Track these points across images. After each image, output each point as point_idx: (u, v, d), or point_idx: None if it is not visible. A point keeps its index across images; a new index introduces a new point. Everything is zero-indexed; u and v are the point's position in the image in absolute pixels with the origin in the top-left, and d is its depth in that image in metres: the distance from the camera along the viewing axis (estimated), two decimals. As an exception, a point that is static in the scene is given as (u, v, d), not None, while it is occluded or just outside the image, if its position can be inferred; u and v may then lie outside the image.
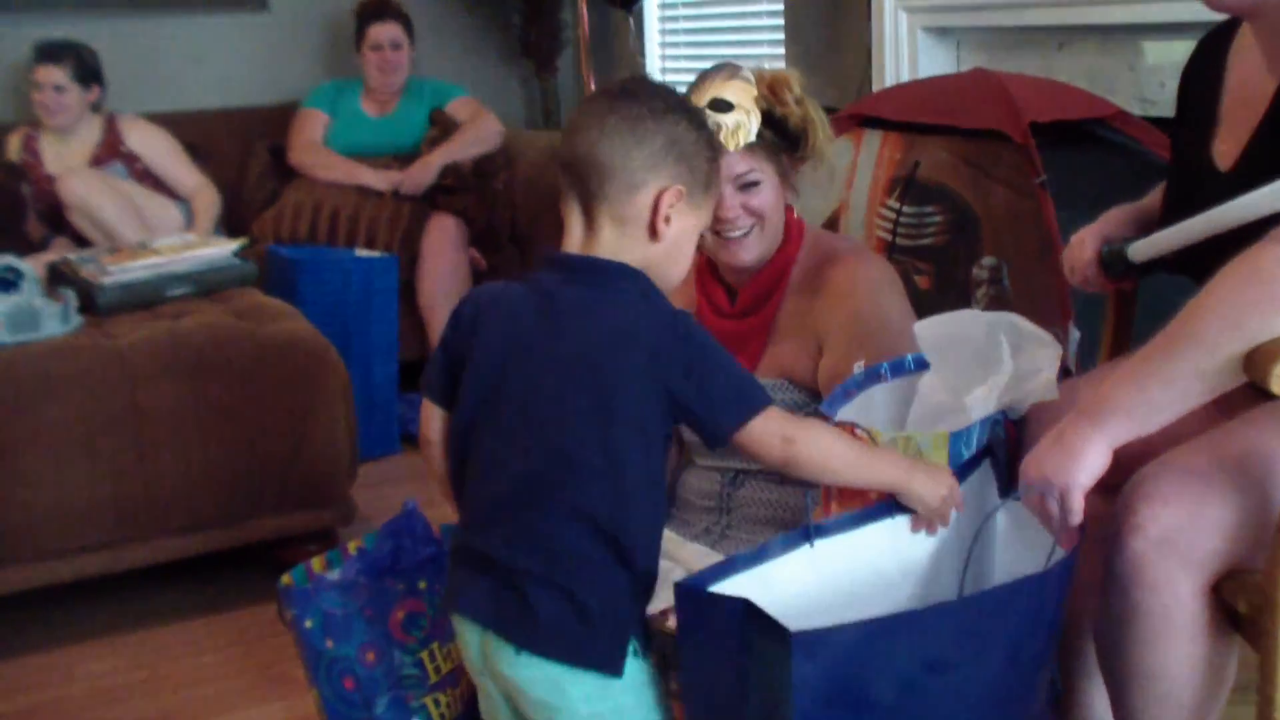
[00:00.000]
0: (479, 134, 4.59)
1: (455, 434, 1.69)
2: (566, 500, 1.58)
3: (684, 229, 1.70)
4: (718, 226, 2.17)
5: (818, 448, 1.65)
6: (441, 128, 4.60)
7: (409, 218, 4.36)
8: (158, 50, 4.96)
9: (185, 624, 3.02)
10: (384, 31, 4.65)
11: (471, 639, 1.65)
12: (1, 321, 2.97)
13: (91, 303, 3.30)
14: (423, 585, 2.03)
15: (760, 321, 2.25)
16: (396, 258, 4.11)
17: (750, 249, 2.20)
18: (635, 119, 1.64)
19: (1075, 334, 2.50)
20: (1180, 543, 1.57)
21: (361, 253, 4.12)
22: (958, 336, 1.92)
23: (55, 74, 4.28)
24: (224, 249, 3.59)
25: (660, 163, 1.65)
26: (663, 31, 5.23)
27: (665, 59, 5.26)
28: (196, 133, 4.65)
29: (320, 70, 5.11)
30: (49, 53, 4.29)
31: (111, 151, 4.37)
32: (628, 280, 1.65)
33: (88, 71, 4.34)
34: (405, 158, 4.54)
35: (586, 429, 1.58)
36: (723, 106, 2.13)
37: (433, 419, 1.79)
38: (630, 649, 1.62)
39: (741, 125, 2.12)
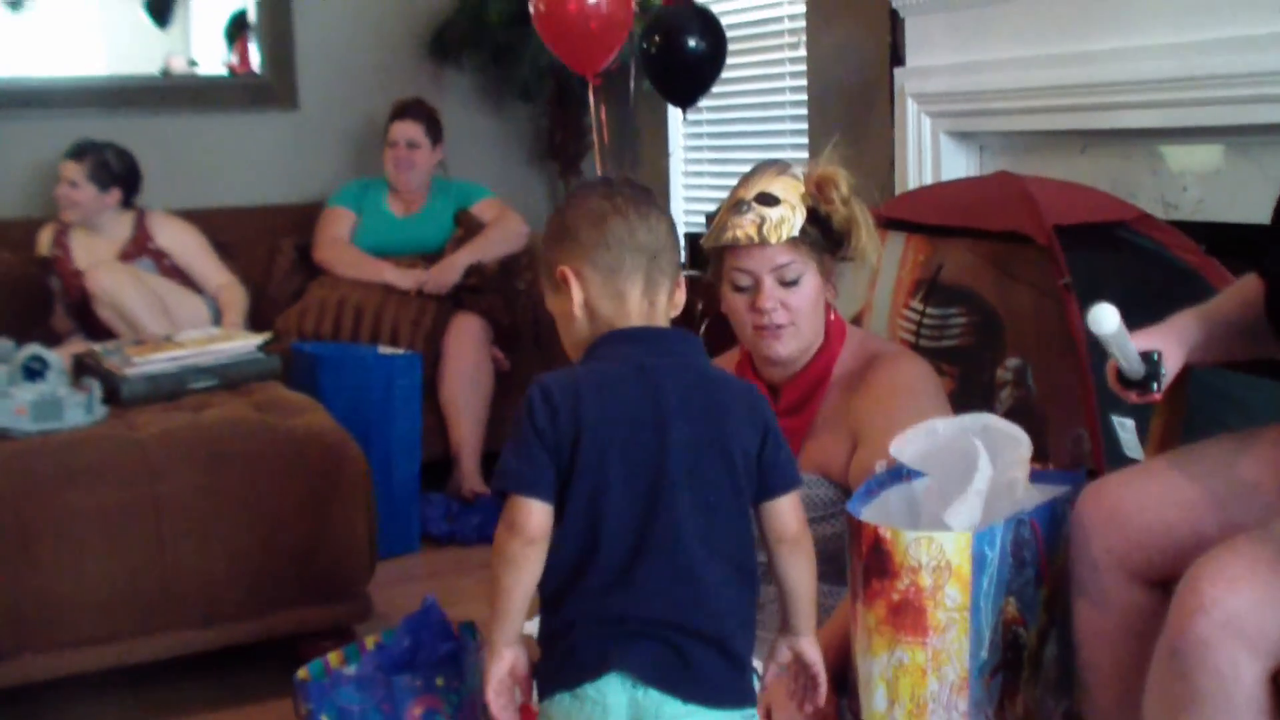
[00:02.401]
0: (504, 234, 4.62)
1: (572, 516, 1.71)
2: (716, 549, 1.70)
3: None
4: (755, 318, 2.20)
5: (811, 549, 1.81)
6: (467, 228, 4.64)
7: (433, 316, 4.37)
8: (190, 147, 5.03)
9: (201, 718, 2.99)
10: (402, 130, 4.71)
11: (618, 700, 1.67)
12: (27, 410, 2.99)
13: (115, 394, 3.32)
14: (440, 682, 2.01)
15: (802, 421, 2.28)
16: (420, 356, 4.12)
17: (786, 343, 2.23)
18: (662, 209, 1.85)
19: (1129, 423, 2.46)
20: (1247, 626, 1.55)
21: (385, 350, 4.13)
22: (934, 449, 1.94)
23: (73, 170, 4.35)
24: (247, 343, 3.61)
25: (677, 245, 1.86)
26: (687, 135, 5.28)
27: (688, 161, 5.31)
28: (225, 229, 4.69)
29: (348, 169, 5.16)
30: (75, 150, 4.37)
31: (140, 247, 4.42)
32: (692, 343, 1.83)
33: (108, 174, 4.39)
34: (430, 257, 4.58)
35: (720, 478, 1.72)
36: (769, 200, 2.17)
37: (535, 515, 1.71)
38: None
39: (785, 219, 2.16)
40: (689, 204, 5.29)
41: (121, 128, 4.65)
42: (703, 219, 4.56)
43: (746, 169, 2.30)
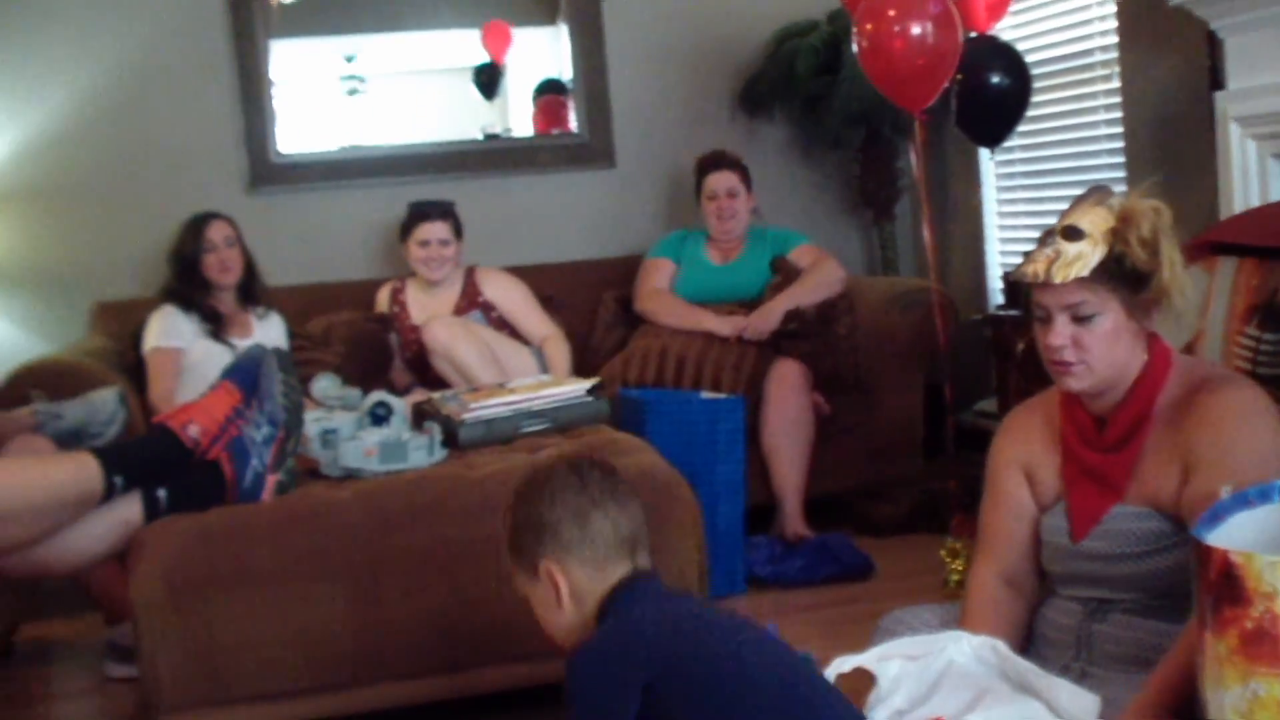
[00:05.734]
0: (822, 279, 4.63)
1: None
2: None
3: None
4: (1048, 352, 2.18)
5: None
6: (785, 274, 4.67)
7: (753, 362, 4.40)
8: (515, 207, 5.23)
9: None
10: (720, 181, 4.77)
11: None
12: (375, 451, 3.15)
13: (453, 437, 3.45)
14: None
15: (1129, 455, 2.21)
16: (743, 399, 4.15)
17: (1078, 379, 2.19)
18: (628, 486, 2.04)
19: None
20: None
21: (707, 395, 4.19)
22: None
23: (441, 229, 4.55)
24: (578, 387, 3.70)
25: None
26: (999, 174, 5.20)
27: (1001, 201, 5.22)
28: (549, 283, 4.85)
29: (663, 223, 5.29)
30: (433, 211, 4.58)
31: (471, 302, 4.60)
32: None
33: (459, 228, 4.60)
34: (749, 304, 4.62)
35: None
36: (1073, 234, 2.13)
37: None
38: None
39: (1081, 257, 2.12)
40: (1004, 244, 5.21)
41: (450, 190, 4.88)
42: (1018, 258, 4.48)
43: (1063, 206, 2.26)
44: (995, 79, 4.23)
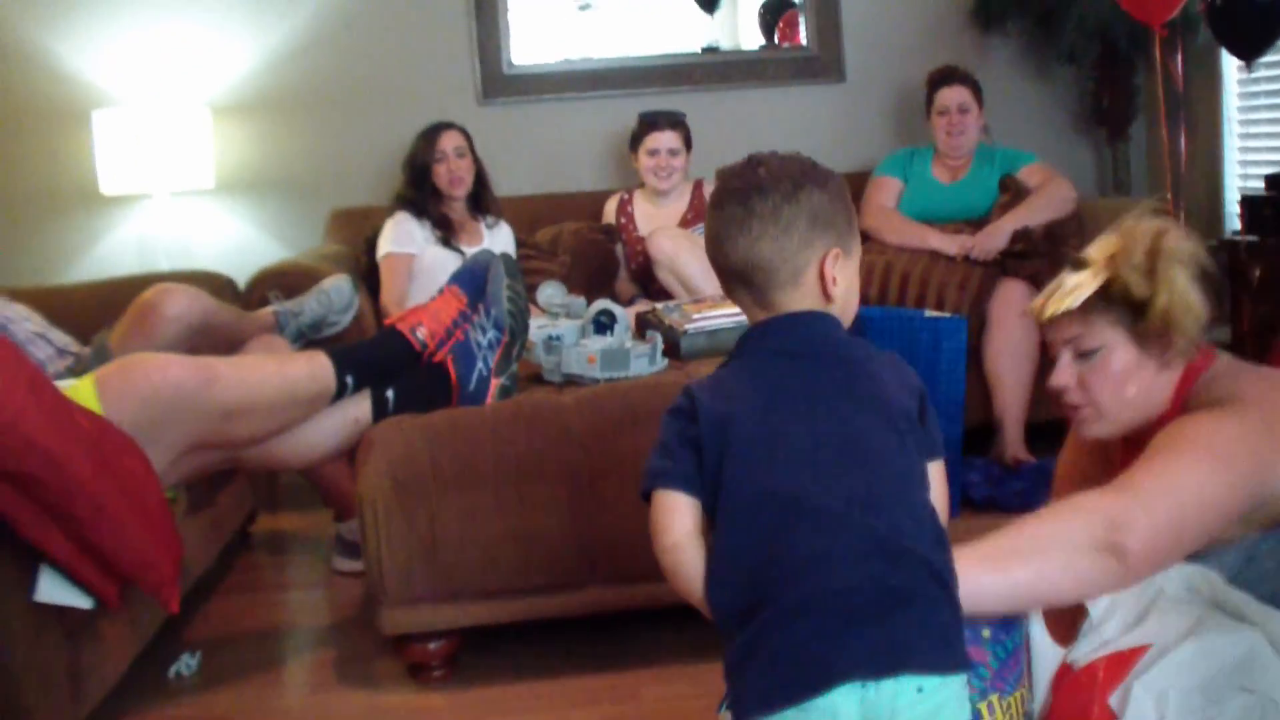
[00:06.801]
0: (1051, 199, 4.51)
1: (743, 511, 1.64)
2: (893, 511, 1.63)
3: (849, 277, 1.79)
4: (1058, 395, 2.08)
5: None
6: (1013, 193, 4.57)
7: (979, 282, 4.33)
8: (740, 121, 5.22)
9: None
10: (952, 96, 4.68)
11: (848, 707, 1.54)
12: (597, 359, 3.20)
13: (675, 348, 3.48)
14: (986, 634, 1.91)
15: None
16: (965, 320, 4.08)
17: (1089, 427, 2.10)
18: (775, 212, 1.72)
19: None
20: None
21: (930, 314, 4.13)
22: None
23: (671, 139, 4.58)
24: (800, 301, 3.70)
25: (812, 238, 1.73)
26: (1241, 95, 4.98)
27: (1242, 123, 5.01)
28: (774, 198, 4.81)
29: (893, 138, 5.22)
30: (664, 120, 4.60)
31: (698, 214, 4.62)
32: (827, 321, 1.75)
33: (689, 138, 4.62)
34: (976, 223, 4.54)
35: (886, 440, 1.66)
36: (1078, 265, 2.03)
37: (685, 516, 1.71)
38: None
39: (1078, 287, 2.01)
40: (1243, 168, 4.99)
41: (677, 103, 4.89)
42: (1261, 182, 4.30)
43: None
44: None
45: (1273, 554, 1.92)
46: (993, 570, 1.79)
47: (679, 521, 1.69)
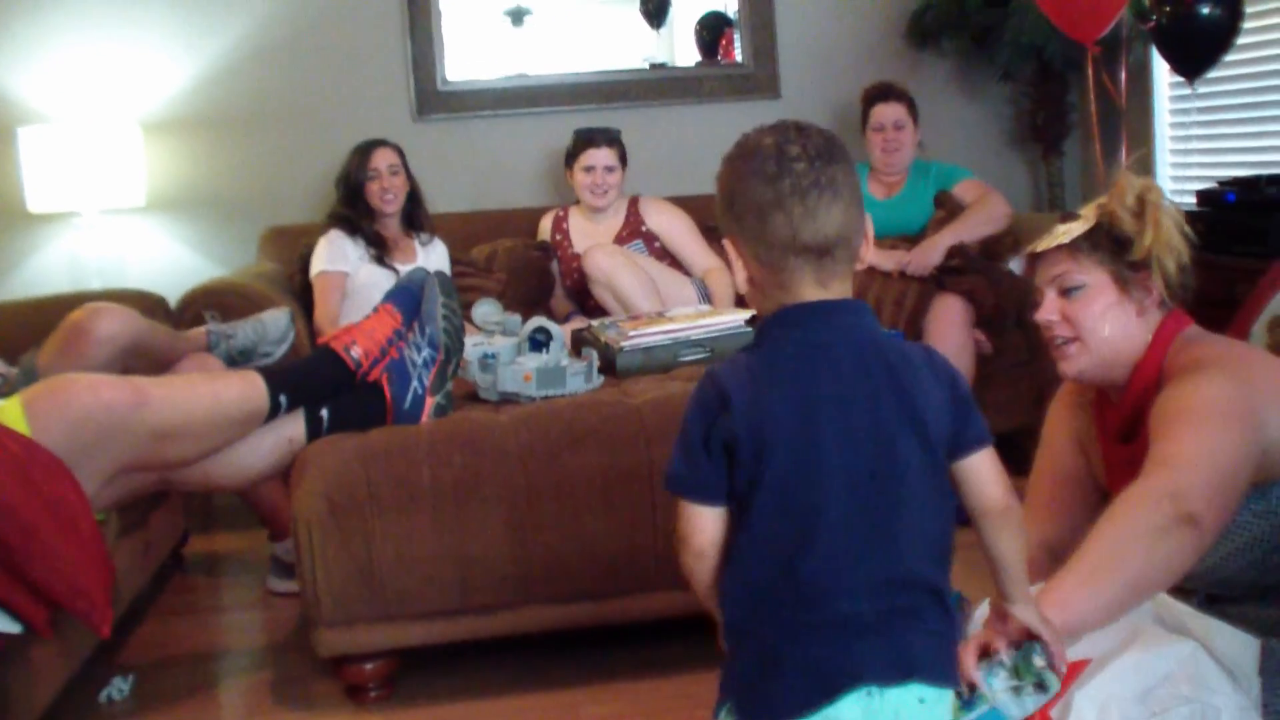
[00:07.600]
0: (986, 215, 4.54)
1: (765, 521, 1.60)
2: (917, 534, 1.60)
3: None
4: (1044, 333, 2.20)
5: (1019, 515, 1.66)
6: (948, 209, 4.59)
7: (915, 298, 4.34)
8: (678, 137, 5.23)
9: (685, 677, 3.02)
10: (887, 112, 4.70)
11: (852, 716, 1.55)
12: (532, 376, 3.18)
13: (611, 365, 3.47)
14: None
15: (1141, 445, 2.09)
16: (902, 335, 4.10)
17: (1072, 361, 2.21)
18: (847, 178, 1.63)
19: None
20: None
21: (867, 330, 4.14)
22: None
23: (606, 156, 4.57)
24: (736, 317, 3.70)
25: (859, 211, 1.64)
26: (1174, 111, 5.04)
27: (1174, 139, 5.06)
28: (712, 215, 4.79)
29: (829, 156, 5.22)
30: (600, 137, 4.59)
31: (634, 231, 4.61)
32: (863, 311, 1.65)
33: (624, 155, 4.62)
34: (912, 239, 4.56)
35: (920, 468, 1.60)
36: (1069, 217, 2.18)
37: (708, 527, 1.65)
38: None
39: (1069, 230, 2.15)
40: (1175, 183, 5.05)
41: (613, 119, 4.89)
42: (1192, 198, 4.35)
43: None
44: (1206, 9, 4.09)
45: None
46: (1092, 589, 1.82)
47: (702, 533, 1.65)
